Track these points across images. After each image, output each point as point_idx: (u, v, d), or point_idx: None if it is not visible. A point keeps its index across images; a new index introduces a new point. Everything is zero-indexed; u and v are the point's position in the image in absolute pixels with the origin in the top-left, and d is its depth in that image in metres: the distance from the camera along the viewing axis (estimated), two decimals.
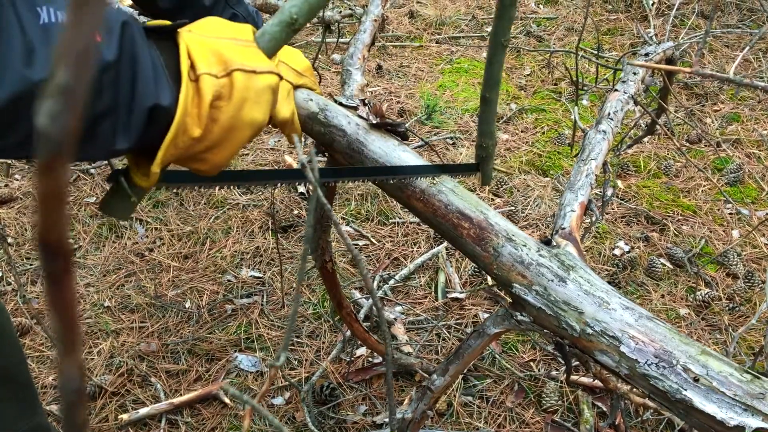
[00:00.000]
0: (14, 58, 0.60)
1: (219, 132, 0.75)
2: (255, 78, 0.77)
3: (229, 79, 0.75)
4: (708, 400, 0.90)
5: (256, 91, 0.77)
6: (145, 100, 0.69)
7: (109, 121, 0.68)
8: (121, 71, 0.67)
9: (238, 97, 0.75)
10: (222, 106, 0.74)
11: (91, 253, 2.42)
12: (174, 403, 1.86)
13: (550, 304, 1.02)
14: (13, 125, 0.63)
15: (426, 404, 1.21)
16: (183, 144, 0.73)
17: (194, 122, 0.73)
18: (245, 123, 0.77)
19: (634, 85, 1.39)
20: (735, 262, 2.35)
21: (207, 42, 0.76)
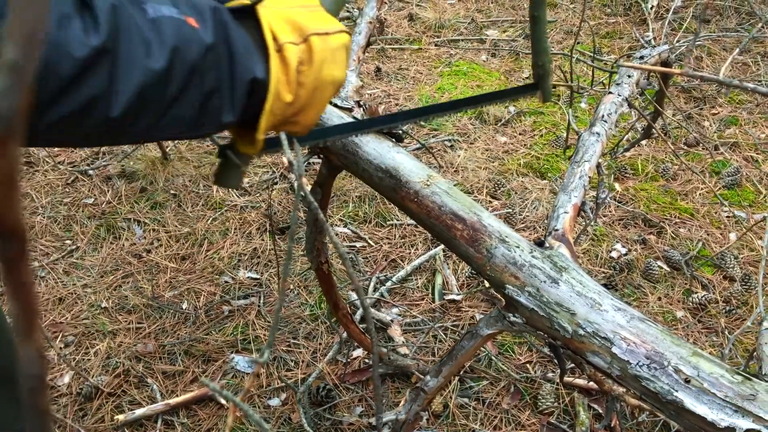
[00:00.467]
0: (138, 52, 0.67)
1: (306, 94, 0.81)
2: (329, 39, 0.82)
3: (306, 44, 0.80)
4: (699, 401, 0.90)
5: (332, 51, 0.83)
6: (244, 75, 0.76)
7: (216, 97, 0.75)
8: (220, 52, 0.74)
9: (318, 60, 0.81)
10: (305, 71, 0.80)
11: (88, 254, 2.43)
12: (170, 404, 1.86)
13: (543, 305, 1.02)
14: (144, 111, 0.70)
15: (419, 405, 1.21)
16: (278, 110, 0.80)
17: (285, 89, 0.79)
18: (327, 82, 0.83)
19: (628, 88, 1.39)
20: (732, 265, 2.35)
21: (281, 13, 0.82)
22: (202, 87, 0.73)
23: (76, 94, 0.65)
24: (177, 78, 0.71)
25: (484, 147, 3.06)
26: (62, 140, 0.73)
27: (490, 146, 3.07)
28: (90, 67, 0.64)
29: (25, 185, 2.77)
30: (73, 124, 0.67)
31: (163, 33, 0.69)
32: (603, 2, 4.49)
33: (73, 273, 2.34)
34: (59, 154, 2.98)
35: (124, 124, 0.70)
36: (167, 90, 0.70)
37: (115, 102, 0.67)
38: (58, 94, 0.64)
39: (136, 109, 0.69)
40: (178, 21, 0.71)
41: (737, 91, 3.47)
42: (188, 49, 0.71)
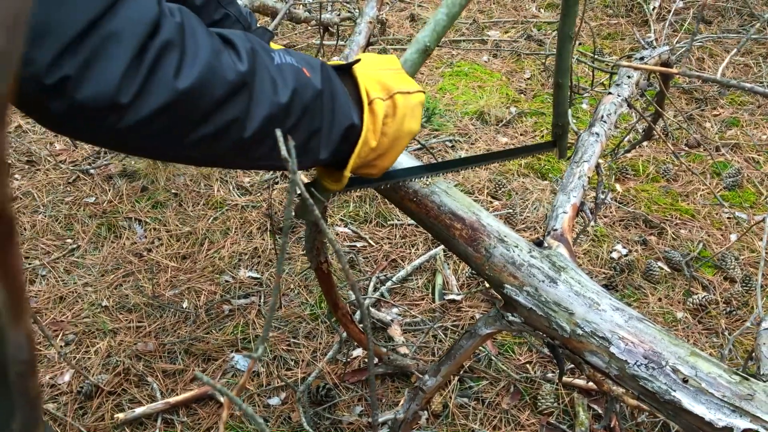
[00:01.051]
0: (267, 89, 0.80)
1: (387, 142, 0.95)
2: (410, 97, 0.96)
3: (392, 101, 0.94)
4: (697, 401, 0.90)
5: (412, 108, 0.96)
6: (343, 121, 0.89)
7: (318, 136, 0.87)
8: (325, 98, 0.87)
9: (400, 114, 0.94)
10: (389, 123, 0.94)
11: (89, 253, 2.43)
12: (170, 403, 1.87)
13: (541, 304, 1.02)
14: (266, 138, 0.81)
15: (418, 404, 1.21)
16: (364, 153, 0.93)
17: (372, 136, 0.92)
18: (406, 133, 0.96)
19: (628, 88, 1.39)
20: (733, 266, 2.35)
21: (372, 74, 0.95)
22: (311, 125, 0.85)
23: (221, 114, 0.75)
24: (294, 114, 0.82)
25: (485, 147, 3.06)
26: (198, 158, 0.82)
27: (491, 147, 3.07)
28: (236, 92, 0.76)
29: (26, 184, 2.77)
30: (213, 141, 0.77)
31: (286, 76, 0.82)
32: (605, 3, 4.49)
33: (74, 272, 2.35)
34: (60, 153, 2.98)
35: (250, 148, 0.81)
36: (285, 123, 0.81)
37: (248, 126, 0.78)
38: (208, 113, 0.74)
39: (261, 136, 0.80)
40: (297, 68, 0.84)
41: (738, 93, 3.47)
42: (304, 91, 0.83)
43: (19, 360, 0.25)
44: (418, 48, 1.10)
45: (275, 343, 2.07)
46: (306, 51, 3.92)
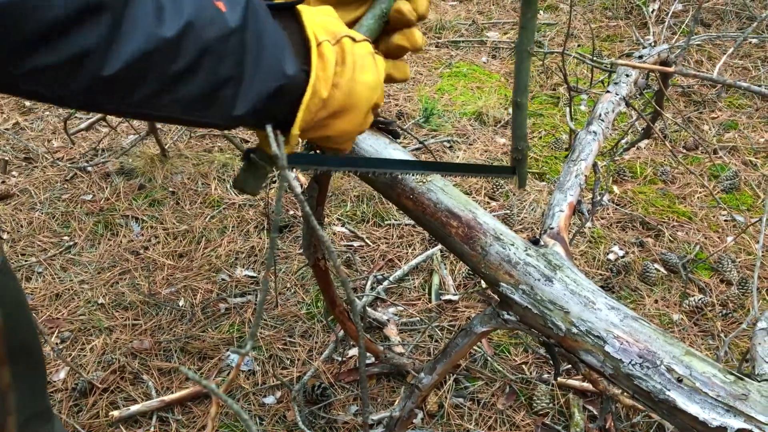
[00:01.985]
0: (146, 17, 0.63)
1: (341, 97, 0.80)
2: (357, 44, 0.82)
3: (339, 45, 0.80)
4: (691, 400, 0.90)
5: (361, 56, 0.82)
6: (270, 71, 0.74)
7: (231, 86, 0.71)
8: (246, 40, 0.71)
9: (350, 61, 0.80)
10: (339, 72, 0.80)
11: (86, 250, 2.43)
12: (165, 401, 1.86)
13: (537, 303, 1.02)
14: (140, 81, 0.66)
15: (414, 402, 1.21)
16: (314, 107, 0.78)
17: (323, 85, 0.78)
18: (360, 84, 0.81)
19: (626, 87, 1.39)
20: (729, 269, 2.35)
21: (315, 17, 0.82)
22: (216, 72, 0.70)
23: (65, 44, 0.60)
24: (187, 54, 0.67)
25: (483, 148, 3.06)
26: (44, 93, 0.66)
27: (489, 147, 3.07)
28: (84, 18, 0.60)
29: (23, 181, 2.77)
30: (58, 76, 0.62)
31: (180, 7, 0.66)
32: (604, 5, 4.49)
33: (71, 269, 2.34)
34: (58, 151, 2.98)
35: (117, 88, 0.66)
36: (173, 64, 0.66)
37: (110, 61, 0.63)
38: (39, 39, 0.59)
39: (133, 76, 0.65)
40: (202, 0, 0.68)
41: (737, 96, 3.47)
42: (206, 27, 0.67)
43: None
44: (376, 14, 0.98)
45: (271, 342, 2.06)
46: None
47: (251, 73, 0.72)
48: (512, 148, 1.19)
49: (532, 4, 1.06)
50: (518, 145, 1.17)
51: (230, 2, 0.70)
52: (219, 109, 0.72)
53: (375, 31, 0.98)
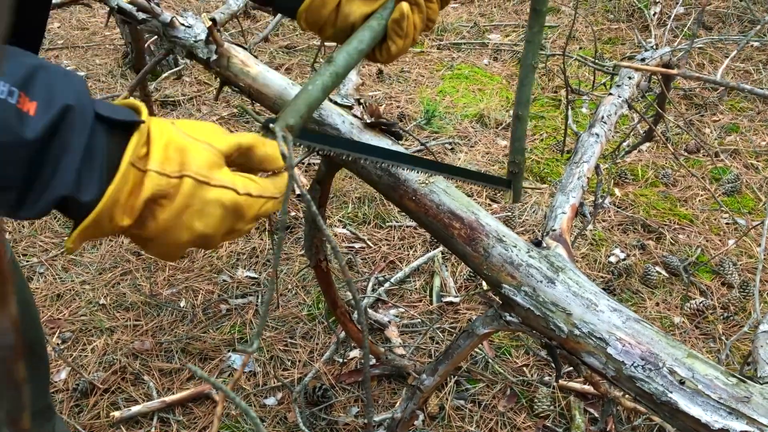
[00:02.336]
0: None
1: (155, 229, 0.74)
2: (207, 189, 0.75)
3: (179, 181, 0.73)
4: (693, 402, 0.90)
5: (204, 202, 0.75)
6: (58, 189, 0.68)
7: (14, 193, 0.66)
8: (45, 153, 0.66)
9: (180, 203, 0.73)
10: (165, 205, 0.73)
11: (87, 251, 2.43)
12: (166, 402, 1.86)
13: (539, 305, 1.02)
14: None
15: (415, 404, 1.21)
16: (109, 229, 0.72)
17: (124, 212, 0.71)
18: (182, 228, 0.75)
19: (629, 90, 1.39)
20: (731, 272, 2.35)
21: (178, 139, 0.75)
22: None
23: None
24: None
25: (484, 150, 3.06)
26: None
27: (490, 149, 3.07)
28: None
29: None
30: None
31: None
32: (606, 8, 4.50)
33: (72, 269, 2.34)
34: None
35: None
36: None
37: None
38: None
39: None
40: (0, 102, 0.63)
41: (738, 99, 3.47)
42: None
43: (4, 344, 0.25)
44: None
45: (272, 343, 2.06)
46: (307, 53, 3.92)
47: (41, 185, 0.67)
48: (509, 161, 1.19)
49: (539, 18, 1.06)
50: (515, 158, 1.17)
51: (46, 105, 0.65)
52: (3, 210, 0.68)
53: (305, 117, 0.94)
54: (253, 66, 1.26)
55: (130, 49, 3.60)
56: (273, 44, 4.03)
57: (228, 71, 1.25)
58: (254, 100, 1.27)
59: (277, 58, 3.86)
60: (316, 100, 0.92)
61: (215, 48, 1.25)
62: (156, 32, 1.38)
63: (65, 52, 3.98)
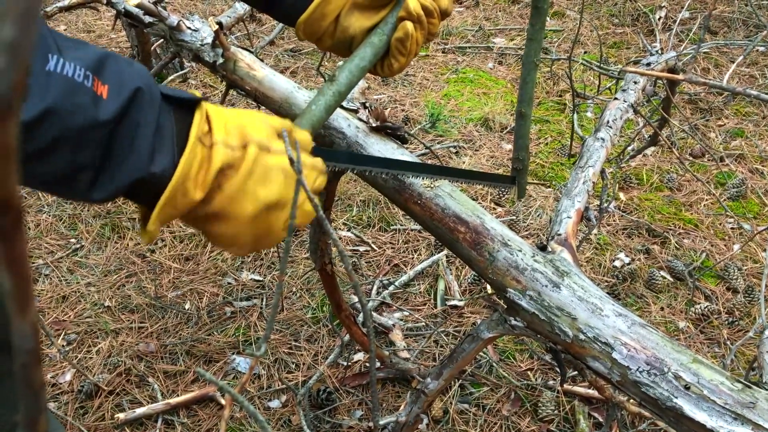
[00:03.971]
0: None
1: (221, 201, 0.76)
2: (267, 155, 0.77)
3: (243, 152, 0.76)
4: (698, 408, 0.90)
5: (266, 168, 0.77)
6: (134, 168, 0.70)
7: (90, 174, 0.69)
8: (118, 132, 0.69)
9: (245, 169, 0.75)
10: (230, 176, 0.75)
11: (93, 253, 2.44)
12: (171, 404, 1.86)
13: (544, 309, 1.02)
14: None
15: (420, 408, 1.21)
16: (182, 206, 0.74)
17: (196, 186, 0.73)
18: (247, 196, 0.76)
19: (634, 94, 1.39)
20: (735, 277, 2.34)
21: (234, 117, 0.78)
22: (73, 159, 0.67)
23: None
24: (41, 139, 0.64)
25: (489, 154, 3.06)
26: None
27: (495, 153, 3.07)
28: None
29: None
30: None
31: (48, 89, 0.63)
32: (611, 12, 4.50)
33: (77, 271, 2.35)
34: None
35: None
36: (26, 145, 0.63)
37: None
38: None
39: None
40: (75, 85, 0.65)
41: (743, 104, 3.46)
42: (69, 115, 0.64)
43: (24, 349, 0.25)
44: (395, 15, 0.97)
45: (276, 346, 2.07)
46: (312, 56, 3.93)
47: (116, 164, 0.70)
48: (513, 158, 1.20)
49: (540, 16, 1.06)
50: (519, 155, 1.18)
51: (117, 88, 0.68)
52: (76, 192, 0.70)
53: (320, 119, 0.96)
54: (259, 69, 1.26)
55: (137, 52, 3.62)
56: (278, 47, 4.04)
57: (234, 75, 1.26)
58: (260, 104, 1.28)
59: (282, 61, 3.87)
60: (320, 120, 0.94)
61: (221, 51, 1.26)
62: (162, 35, 1.39)
63: None
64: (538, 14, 1.07)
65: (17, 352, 0.25)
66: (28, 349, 0.25)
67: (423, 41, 1.00)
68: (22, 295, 0.23)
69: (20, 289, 0.23)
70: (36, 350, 0.25)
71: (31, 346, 0.25)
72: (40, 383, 0.26)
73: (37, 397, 0.26)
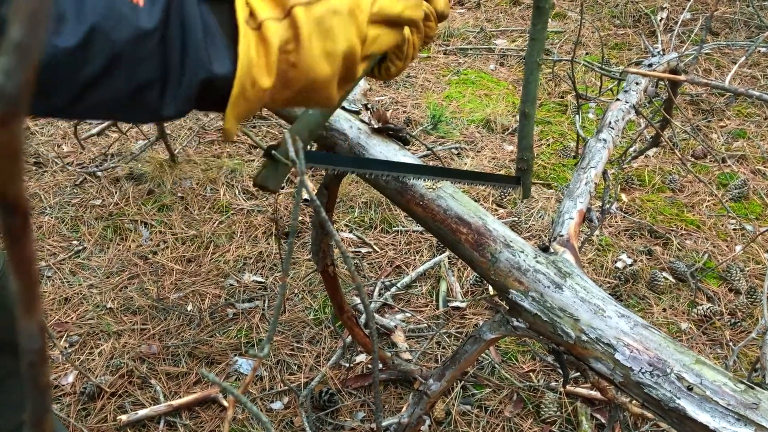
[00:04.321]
0: (63, 70, 0.59)
1: (302, 75, 0.72)
2: (312, 8, 0.71)
3: (290, 18, 0.70)
4: (701, 409, 0.90)
5: (317, 21, 0.71)
6: (196, 71, 0.66)
7: (156, 89, 0.65)
8: (167, 38, 0.64)
9: (305, 34, 0.70)
10: (293, 49, 0.70)
11: (95, 255, 2.44)
12: (173, 405, 1.86)
13: (546, 310, 1.02)
14: (52, 91, 0.61)
15: (422, 409, 1.21)
16: (255, 96, 0.70)
17: (263, 72, 0.69)
18: (320, 58, 0.72)
19: (636, 95, 1.39)
20: (738, 278, 2.34)
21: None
22: (132, 76, 0.63)
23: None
24: (95, 61, 0.60)
25: (491, 155, 3.06)
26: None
27: (497, 155, 3.07)
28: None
29: (33, 186, 2.79)
30: None
31: (83, 9, 0.59)
32: (612, 14, 4.50)
33: (80, 273, 2.35)
34: (68, 155, 3.00)
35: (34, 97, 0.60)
36: (81, 72, 0.60)
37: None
38: None
39: (44, 86, 0.59)
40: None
41: (745, 105, 3.46)
42: (114, 29, 0.60)
43: (32, 349, 0.26)
44: None
45: (278, 348, 2.07)
46: None
47: (177, 71, 0.66)
48: (518, 158, 1.21)
49: (542, 16, 1.07)
50: (524, 155, 1.18)
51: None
52: (145, 111, 0.67)
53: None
54: None
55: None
56: None
57: None
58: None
59: None
60: (318, 125, 0.94)
61: None
62: None
63: None
64: (540, 14, 1.07)
65: (25, 351, 0.26)
66: (36, 348, 0.25)
67: (420, 45, 0.99)
68: (30, 296, 0.24)
69: (28, 290, 0.24)
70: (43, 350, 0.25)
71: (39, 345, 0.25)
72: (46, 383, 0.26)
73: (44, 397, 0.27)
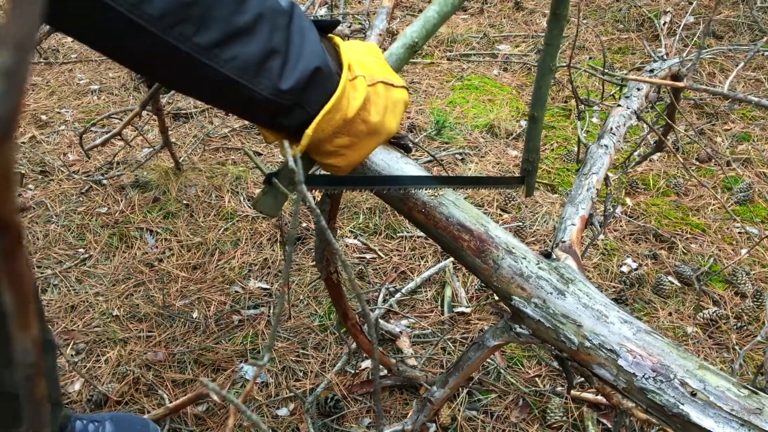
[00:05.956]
0: (224, 9, 0.69)
1: (364, 131, 0.83)
2: (393, 90, 0.86)
3: (374, 88, 0.83)
4: (705, 414, 0.90)
5: (394, 102, 0.86)
6: (314, 56, 0.77)
7: (279, 59, 0.75)
8: (292, 24, 0.75)
9: (382, 105, 0.83)
10: (370, 110, 0.82)
11: (101, 263, 2.45)
12: (169, 408, 1.87)
13: (549, 316, 1.03)
14: (209, 25, 0.70)
15: (426, 416, 1.21)
16: (334, 123, 0.80)
17: (349, 103, 0.80)
18: (384, 128, 0.85)
19: (637, 101, 1.39)
20: (743, 281, 2.34)
21: (355, 54, 0.85)
22: (269, 40, 0.73)
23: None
24: (248, 12, 0.70)
25: (495, 160, 3.07)
26: (87, 34, 0.71)
27: (501, 160, 3.08)
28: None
29: (39, 194, 2.80)
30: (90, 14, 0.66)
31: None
32: (615, 18, 4.50)
33: (86, 281, 2.36)
34: (73, 164, 3.01)
35: (185, 21, 0.68)
36: (236, 16, 0.70)
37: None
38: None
39: (200, 21, 0.68)
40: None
41: (750, 108, 3.46)
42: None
43: (27, 363, 0.26)
44: (405, 43, 1.02)
45: (284, 354, 2.07)
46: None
47: (297, 52, 0.76)
48: (523, 159, 1.23)
49: (558, 22, 1.08)
50: (530, 156, 1.20)
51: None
52: (267, 79, 0.76)
53: (403, 60, 1.02)
54: None
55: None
56: None
57: None
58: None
59: None
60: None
61: None
62: None
63: (79, 66, 4.03)
64: (556, 21, 1.08)
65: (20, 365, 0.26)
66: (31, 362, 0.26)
67: None
68: (25, 312, 0.24)
69: (22, 306, 0.24)
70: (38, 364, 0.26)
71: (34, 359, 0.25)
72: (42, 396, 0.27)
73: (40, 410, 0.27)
